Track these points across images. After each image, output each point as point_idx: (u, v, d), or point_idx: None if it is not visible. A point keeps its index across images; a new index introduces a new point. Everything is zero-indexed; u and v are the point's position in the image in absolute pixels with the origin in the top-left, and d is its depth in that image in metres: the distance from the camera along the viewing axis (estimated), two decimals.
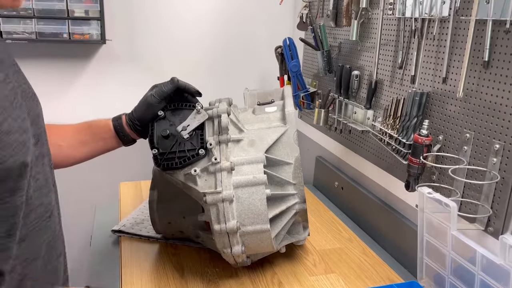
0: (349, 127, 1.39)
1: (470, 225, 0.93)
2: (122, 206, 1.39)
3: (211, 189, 0.93)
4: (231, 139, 0.97)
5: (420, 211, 0.94)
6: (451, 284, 0.90)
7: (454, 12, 0.95)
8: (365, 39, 1.31)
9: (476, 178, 0.92)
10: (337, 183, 1.49)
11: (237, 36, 1.82)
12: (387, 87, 1.21)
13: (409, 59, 1.11)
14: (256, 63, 1.86)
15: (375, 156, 1.28)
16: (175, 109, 0.98)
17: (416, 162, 1.01)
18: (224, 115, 0.97)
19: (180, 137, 0.96)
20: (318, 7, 1.53)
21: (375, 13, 1.25)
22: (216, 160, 0.94)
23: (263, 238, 0.95)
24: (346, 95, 1.38)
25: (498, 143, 0.86)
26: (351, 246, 1.21)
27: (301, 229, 1.07)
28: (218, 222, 0.93)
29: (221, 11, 1.78)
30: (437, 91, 1.03)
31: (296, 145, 1.01)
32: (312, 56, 1.66)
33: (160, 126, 0.97)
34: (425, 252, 0.96)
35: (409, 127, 1.08)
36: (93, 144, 1.00)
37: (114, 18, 1.65)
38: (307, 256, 1.15)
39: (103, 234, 1.24)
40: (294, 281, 1.04)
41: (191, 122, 0.96)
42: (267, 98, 1.11)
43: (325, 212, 1.41)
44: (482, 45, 0.88)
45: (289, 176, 1.00)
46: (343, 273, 1.08)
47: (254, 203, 0.93)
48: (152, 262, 1.10)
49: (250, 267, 1.07)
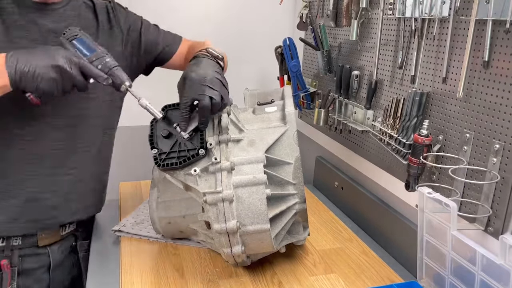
0: (349, 127, 1.39)
1: (470, 225, 0.93)
2: (122, 206, 1.39)
3: (211, 189, 0.93)
4: (231, 139, 0.97)
5: (420, 211, 0.94)
6: (451, 284, 0.90)
7: (454, 12, 0.95)
8: (365, 39, 1.31)
9: (476, 178, 0.92)
10: (337, 183, 1.49)
11: (237, 36, 1.82)
12: (387, 87, 1.21)
13: (409, 59, 1.11)
14: (256, 63, 1.86)
15: (375, 156, 1.28)
16: (174, 108, 0.98)
17: (416, 162, 1.01)
18: (224, 115, 0.97)
19: (180, 137, 0.96)
20: (318, 7, 1.53)
21: (375, 13, 1.25)
22: (216, 160, 0.94)
23: (263, 238, 0.95)
24: (346, 95, 1.38)
25: (498, 143, 0.86)
26: (351, 246, 1.21)
27: (301, 229, 1.07)
28: (218, 222, 0.93)
29: (221, 11, 1.78)
30: (437, 91, 1.03)
31: (296, 145, 1.01)
32: (312, 56, 1.66)
33: (160, 126, 0.98)
34: (425, 252, 0.96)
35: (409, 127, 1.08)
36: None
37: None
38: (307, 256, 1.15)
39: (103, 234, 1.24)
40: (294, 281, 1.04)
41: (191, 121, 0.95)
42: (267, 98, 1.11)
43: (325, 212, 1.41)
44: (482, 45, 0.88)
45: (289, 176, 1.00)
46: (343, 273, 1.08)
47: (254, 203, 0.93)
48: (152, 262, 1.10)
49: (250, 267, 1.07)
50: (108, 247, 1.18)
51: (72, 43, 0.88)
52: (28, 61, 0.80)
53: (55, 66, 0.80)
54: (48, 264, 1.07)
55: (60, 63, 0.81)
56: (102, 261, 1.12)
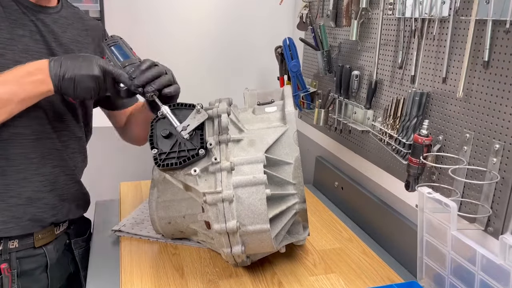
0: (349, 127, 1.39)
1: (470, 225, 0.93)
2: (122, 206, 1.39)
3: (211, 189, 0.93)
4: (231, 139, 0.97)
5: (420, 211, 0.94)
6: (451, 284, 0.90)
7: (454, 12, 0.95)
8: (365, 39, 1.31)
9: (476, 178, 0.92)
10: (337, 183, 1.49)
11: (237, 36, 1.82)
12: (387, 87, 1.21)
13: (409, 59, 1.11)
14: (256, 63, 1.86)
15: (375, 156, 1.28)
16: (174, 108, 0.98)
17: (416, 162, 1.01)
18: (224, 115, 0.97)
19: (180, 137, 0.95)
20: (318, 7, 1.53)
21: (375, 13, 1.25)
22: (216, 160, 0.94)
23: (263, 238, 0.95)
24: (346, 95, 1.38)
25: (498, 143, 0.86)
26: (351, 246, 1.21)
27: (301, 229, 1.07)
28: (218, 222, 0.93)
29: (221, 11, 1.78)
30: (437, 91, 1.03)
31: (296, 145, 1.01)
32: (312, 56, 1.66)
33: (160, 126, 0.97)
34: (425, 252, 0.96)
35: (409, 127, 1.08)
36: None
37: (114, 18, 1.65)
38: (307, 256, 1.15)
39: (103, 234, 1.24)
40: (294, 281, 1.04)
41: (191, 122, 0.95)
42: (267, 98, 1.11)
43: (325, 212, 1.41)
44: (482, 45, 0.88)
45: (289, 176, 1.00)
46: (343, 273, 1.08)
47: (254, 203, 0.93)
48: (152, 262, 1.10)
49: (250, 267, 1.07)
50: (108, 247, 1.18)
51: (111, 49, 0.98)
52: (69, 69, 0.87)
53: (93, 76, 0.88)
54: (45, 263, 1.07)
55: (96, 73, 0.88)
56: (102, 261, 1.12)
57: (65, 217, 1.11)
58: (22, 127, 0.96)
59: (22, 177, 0.99)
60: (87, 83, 0.87)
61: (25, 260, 1.03)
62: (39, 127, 0.99)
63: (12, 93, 0.85)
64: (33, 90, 0.86)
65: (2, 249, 1.00)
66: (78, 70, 0.87)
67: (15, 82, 0.85)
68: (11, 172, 0.97)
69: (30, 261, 1.04)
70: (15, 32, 0.94)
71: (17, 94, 0.85)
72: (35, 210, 1.01)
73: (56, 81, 0.86)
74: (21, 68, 0.86)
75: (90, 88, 0.88)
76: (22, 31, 0.95)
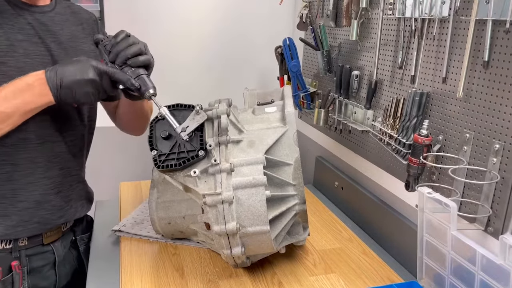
0: (349, 127, 1.39)
1: (470, 225, 0.93)
2: (122, 206, 1.39)
3: (211, 191, 0.92)
4: (230, 140, 0.96)
5: (420, 211, 0.94)
6: (451, 284, 0.90)
7: (454, 12, 0.95)
8: (365, 39, 1.30)
9: (476, 178, 0.92)
10: (337, 183, 1.49)
11: (237, 36, 1.81)
12: (387, 87, 1.21)
13: (409, 59, 1.11)
14: (256, 63, 1.86)
15: (375, 156, 1.28)
16: (174, 109, 0.98)
17: (416, 162, 1.01)
18: (223, 116, 0.97)
19: (179, 138, 0.95)
20: (318, 7, 1.53)
21: (375, 13, 1.25)
22: (215, 161, 0.94)
23: (263, 240, 0.95)
24: (346, 95, 1.38)
25: (498, 143, 0.86)
26: (351, 246, 1.21)
27: (301, 229, 1.07)
28: (217, 224, 0.93)
29: (221, 11, 1.78)
30: (437, 91, 1.02)
31: (296, 146, 1.00)
32: (312, 56, 1.66)
33: (159, 127, 0.97)
34: (425, 252, 0.96)
35: (409, 127, 1.08)
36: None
37: (114, 18, 1.65)
38: (307, 256, 1.15)
39: (103, 234, 1.24)
40: (294, 281, 1.04)
41: (190, 123, 0.95)
42: (267, 98, 1.11)
43: (325, 212, 1.41)
44: (482, 45, 0.88)
45: (289, 177, 1.00)
46: (343, 273, 1.08)
47: (253, 204, 0.93)
48: (152, 262, 1.10)
49: (250, 267, 1.07)
50: (108, 247, 1.18)
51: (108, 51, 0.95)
52: (65, 76, 0.86)
53: (89, 80, 0.87)
54: (53, 260, 1.09)
55: (91, 76, 0.87)
56: (102, 261, 1.12)
57: (72, 217, 1.12)
58: (28, 132, 0.96)
59: (30, 181, 0.99)
60: (84, 88, 0.87)
61: (34, 258, 1.05)
62: (45, 131, 0.99)
63: (15, 107, 0.86)
64: (34, 102, 0.87)
65: (12, 247, 1.01)
66: (74, 76, 0.86)
67: (17, 96, 0.86)
68: (19, 177, 0.98)
69: (38, 258, 1.06)
70: (14, 37, 0.93)
71: (20, 108, 0.87)
72: (43, 212, 1.02)
73: (55, 91, 0.86)
74: (20, 81, 0.87)
75: (89, 93, 0.88)
76: (21, 36, 0.95)
